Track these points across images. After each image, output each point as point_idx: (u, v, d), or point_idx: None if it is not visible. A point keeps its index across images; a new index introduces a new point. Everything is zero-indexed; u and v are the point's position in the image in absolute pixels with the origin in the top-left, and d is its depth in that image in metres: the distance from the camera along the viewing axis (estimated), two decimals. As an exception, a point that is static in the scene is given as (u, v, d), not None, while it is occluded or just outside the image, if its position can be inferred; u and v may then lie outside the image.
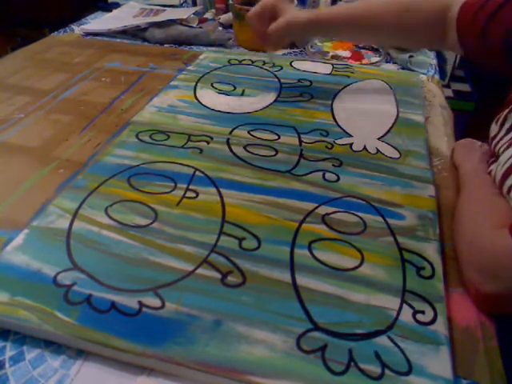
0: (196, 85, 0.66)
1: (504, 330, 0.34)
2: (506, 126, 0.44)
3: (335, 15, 0.58)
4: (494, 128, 0.46)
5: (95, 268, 0.36)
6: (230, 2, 0.84)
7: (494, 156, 0.45)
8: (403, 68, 0.78)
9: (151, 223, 0.40)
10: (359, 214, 0.42)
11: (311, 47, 0.84)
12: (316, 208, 0.43)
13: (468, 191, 0.44)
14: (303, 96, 0.63)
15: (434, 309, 0.34)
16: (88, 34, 0.89)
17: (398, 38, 0.60)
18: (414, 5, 0.54)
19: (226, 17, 0.95)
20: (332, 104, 0.62)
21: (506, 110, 0.45)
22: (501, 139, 0.44)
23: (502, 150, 0.42)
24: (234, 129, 0.55)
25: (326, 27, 0.59)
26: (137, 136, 0.53)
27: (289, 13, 0.58)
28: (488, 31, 0.45)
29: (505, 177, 0.39)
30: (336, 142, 0.53)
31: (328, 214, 0.42)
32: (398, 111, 0.60)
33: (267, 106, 0.61)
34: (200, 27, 0.91)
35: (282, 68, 0.72)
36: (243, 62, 0.74)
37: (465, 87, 1.73)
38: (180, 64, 0.75)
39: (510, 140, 0.42)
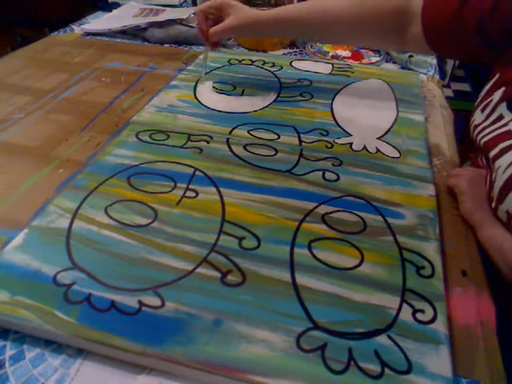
0: (196, 85, 0.66)
1: (504, 329, 0.34)
2: (492, 117, 0.44)
3: (283, 15, 0.57)
4: (478, 115, 0.46)
5: (95, 267, 0.36)
6: (230, 1, 0.83)
7: (475, 144, 0.45)
8: (403, 68, 0.78)
9: (151, 223, 0.40)
10: (359, 213, 0.42)
11: (311, 47, 0.84)
12: (316, 207, 0.43)
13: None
14: (303, 96, 0.63)
15: (433, 308, 0.34)
16: (88, 33, 0.89)
17: (352, 35, 0.59)
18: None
19: (226, 17, 0.95)
20: (332, 103, 0.62)
21: (495, 100, 0.44)
22: (484, 128, 0.44)
23: (484, 140, 0.43)
24: (234, 128, 0.55)
25: (270, 29, 0.59)
26: (137, 136, 0.53)
27: (236, 12, 0.57)
28: (460, 14, 0.45)
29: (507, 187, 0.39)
30: (336, 141, 0.53)
31: (328, 214, 0.42)
32: (397, 111, 0.60)
33: (267, 106, 0.61)
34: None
35: (281, 68, 0.72)
36: (243, 62, 0.74)
37: (465, 87, 1.73)
38: (180, 64, 0.75)
39: (493, 130, 0.42)
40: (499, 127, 0.42)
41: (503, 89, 0.43)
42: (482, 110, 0.45)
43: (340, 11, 0.55)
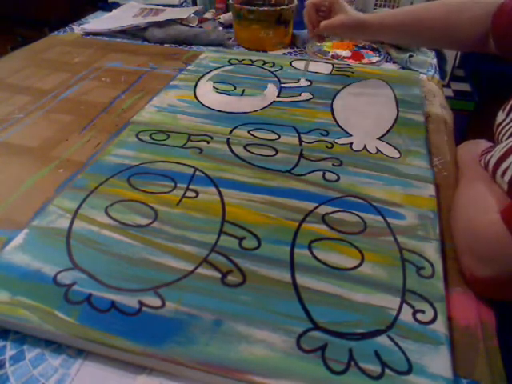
0: (196, 84, 0.66)
1: (504, 329, 0.34)
2: None
3: (387, 21, 0.60)
4: (500, 116, 0.47)
5: (95, 267, 0.36)
6: (230, 1, 0.84)
7: (497, 143, 0.45)
8: (403, 68, 0.78)
9: (151, 223, 0.40)
10: (359, 213, 0.42)
11: (311, 47, 0.84)
12: (316, 208, 0.43)
13: (464, 179, 0.46)
14: (303, 96, 0.63)
15: (434, 308, 0.33)
16: (88, 33, 0.89)
17: (443, 42, 0.62)
18: (463, 8, 0.55)
19: (226, 16, 0.95)
20: (332, 104, 0.62)
21: None
22: (505, 126, 0.44)
23: (505, 137, 0.43)
24: (234, 128, 0.55)
25: (375, 32, 0.61)
26: (137, 136, 0.53)
27: (344, 11, 0.60)
28: None
29: (500, 161, 0.40)
30: (336, 141, 0.53)
31: (328, 214, 0.42)
32: (398, 111, 0.60)
33: (267, 106, 0.61)
34: (200, 27, 0.91)
35: (282, 68, 0.72)
36: (243, 62, 0.74)
37: (465, 87, 1.73)
38: (180, 64, 0.75)
39: None
40: None
41: None
42: (503, 110, 0.46)
43: (435, 18, 0.57)
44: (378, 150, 0.52)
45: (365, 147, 0.53)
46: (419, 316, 0.33)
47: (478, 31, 0.54)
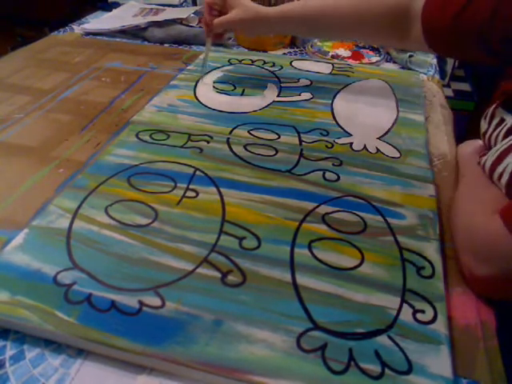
0: (196, 84, 0.66)
1: (504, 329, 0.34)
2: (494, 122, 0.45)
3: (286, 13, 0.58)
4: (483, 125, 0.47)
5: (95, 267, 0.36)
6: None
7: (487, 150, 0.46)
8: (403, 67, 0.78)
9: (151, 222, 0.40)
10: (359, 213, 0.42)
11: (311, 47, 0.84)
12: (316, 207, 0.43)
13: (464, 179, 0.46)
14: (303, 96, 0.63)
15: (434, 308, 0.34)
16: (88, 33, 0.89)
17: (351, 31, 0.59)
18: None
19: (226, 16, 0.95)
20: (332, 103, 0.62)
21: (492, 107, 0.45)
22: (491, 135, 0.45)
23: (493, 144, 0.44)
24: (234, 128, 0.55)
25: (272, 25, 0.60)
26: (137, 135, 0.53)
27: (240, 5, 0.59)
28: (461, 19, 0.45)
29: (495, 164, 0.40)
30: (336, 141, 0.53)
31: (328, 214, 0.42)
32: (398, 111, 0.60)
33: (267, 106, 0.61)
34: (200, 27, 0.91)
35: (282, 68, 0.72)
36: (243, 62, 0.74)
37: (465, 87, 1.73)
38: (180, 64, 0.75)
39: (498, 134, 0.43)
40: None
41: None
42: (485, 118, 0.47)
43: (339, 5, 0.56)
44: (378, 150, 0.52)
45: (365, 147, 0.53)
46: (419, 316, 0.33)
47: (387, 24, 0.53)
